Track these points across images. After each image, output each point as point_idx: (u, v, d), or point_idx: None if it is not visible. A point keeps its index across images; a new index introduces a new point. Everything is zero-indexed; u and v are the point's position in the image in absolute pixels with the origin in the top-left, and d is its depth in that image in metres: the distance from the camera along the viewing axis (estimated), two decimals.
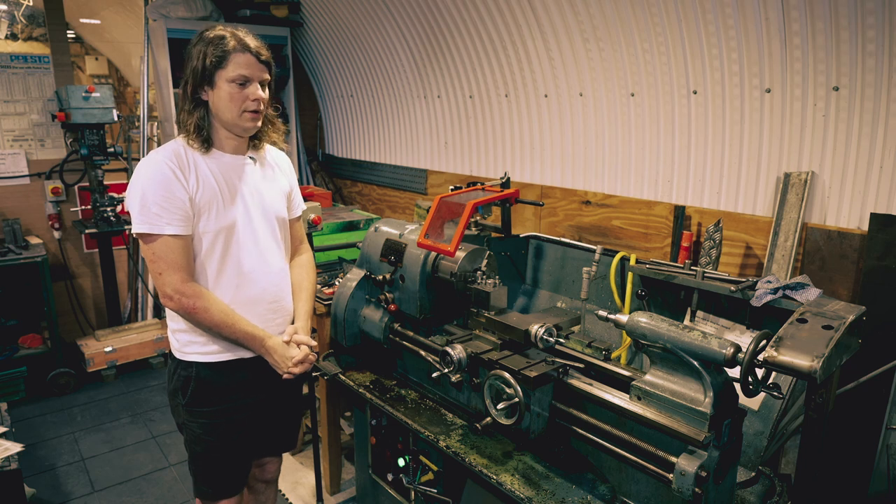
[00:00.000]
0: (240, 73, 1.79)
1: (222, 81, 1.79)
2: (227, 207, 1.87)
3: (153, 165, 1.78)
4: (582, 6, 2.81)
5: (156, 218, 1.74)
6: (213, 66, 1.78)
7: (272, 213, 2.01)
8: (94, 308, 4.83)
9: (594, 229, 3.10)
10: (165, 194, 1.75)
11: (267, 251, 1.99)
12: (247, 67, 1.80)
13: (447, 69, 3.78)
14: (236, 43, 1.79)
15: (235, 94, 1.81)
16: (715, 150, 2.58)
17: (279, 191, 2.06)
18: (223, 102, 1.81)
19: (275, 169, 2.08)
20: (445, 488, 2.04)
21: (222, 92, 1.80)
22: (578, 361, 1.82)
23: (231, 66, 1.78)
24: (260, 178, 1.98)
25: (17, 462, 2.50)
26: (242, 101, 1.82)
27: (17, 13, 4.65)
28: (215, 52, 1.77)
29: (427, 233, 2.12)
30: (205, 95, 1.83)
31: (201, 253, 1.86)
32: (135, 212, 1.76)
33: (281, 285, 2.05)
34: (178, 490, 3.18)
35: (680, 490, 1.42)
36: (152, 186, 1.75)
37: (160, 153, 1.82)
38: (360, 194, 5.07)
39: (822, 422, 1.43)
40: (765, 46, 2.30)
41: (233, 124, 1.86)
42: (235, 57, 1.79)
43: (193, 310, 1.80)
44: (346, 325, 2.39)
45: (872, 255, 2.09)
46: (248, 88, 1.82)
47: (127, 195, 1.82)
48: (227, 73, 1.79)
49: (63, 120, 4.04)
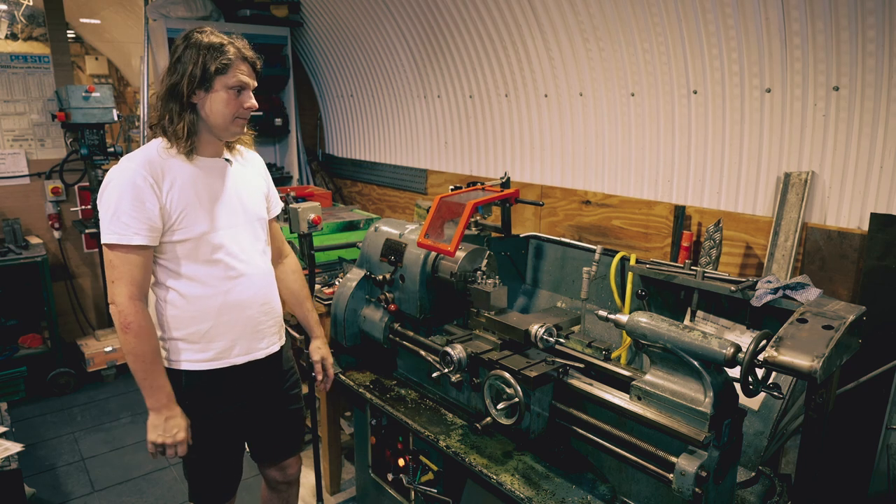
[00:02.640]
0: (239, 80, 1.83)
1: (221, 87, 1.81)
2: (208, 211, 1.87)
3: (126, 174, 1.76)
4: (582, 6, 2.81)
5: (124, 228, 1.74)
6: (217, 71, 1.80)
7: (254, 215, 2.01)
8: (94, 308, 4.83)
9: (594, 229, 3.10)
10: (136, 204, 1.74)
11: (254, 253, 1.99)
12: (247, 76, 1.86)
13: (447, 69, 3.78)
14: (237, 52, 1.83)
15: (231, 101, 1.83)
16: (715, 150, 2.58)
17: (257, 191, 2.05)
18: (219, 107, 1.83)
19: (250, 170, 2.07)
20: (445, 488, 2.04)
21: (219, 97, 1.82)
22: (578, 361, 1.82)
23: (233, 73, 1.82)
24: (238, 180, 1.98)
25: (17, 462, 2.50)
26: (237, 108, 1.85)
27: (17, 13, 4.65)
28: (219, 58, 1.79)
29: (427, 233, 2.12)
30: (196, 99, 1.83)
31: (186, 257, 1.85)
32: (105, 220, 1.76)
33: (270, 287, 2.06)
34: (178, 490, 3.18)
35: (680, 490, 1.42)
36: (124, 197, 1.74)
37: (133, 161, 1.80)
38: (360, 194, 5.07)
39: (822, 422, 1.43)
40: (765, 46, 2.30)
41: (223, 129, 1.87)
42: (239, 64, 1.83)
43: (128, 328, 1.76)
44: (346, 325, 2.39)
45: (872, 255, 2.09)
46: (242, 96, 1.85)
47: (99, 202, 1.80)
48: (228, 80, 1.81)
49: (63, 120, 4.03)
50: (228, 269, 1.90)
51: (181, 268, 1.85)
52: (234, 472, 2.10)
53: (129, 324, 1.76)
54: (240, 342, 1.95)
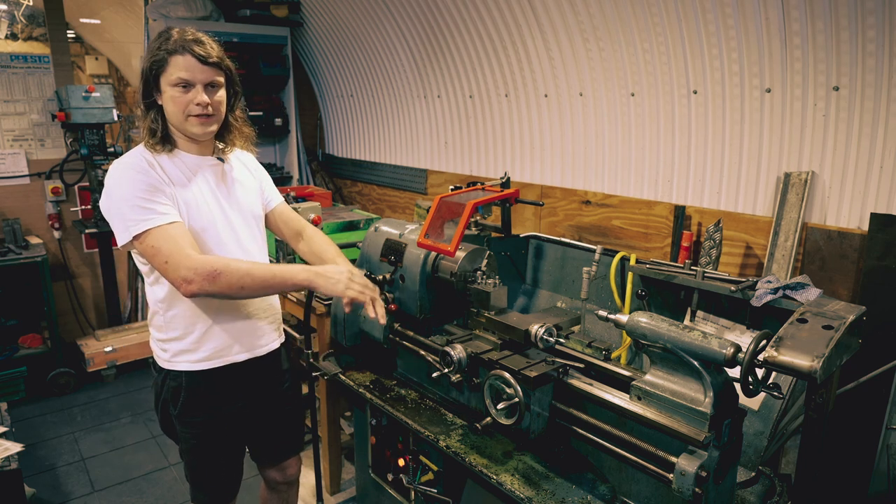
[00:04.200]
0: (178, 77, 1.72)
1: (166, 85, 1.75)
2: (202, 207, 1.84)
3: (128, 170, 1.74)
4: (582, 6, 2.81)
5: (148, 212, 1.69)
6: (156, 70, 1.74)
7: (248, 213, 1.99)
8: (94, 308, 4.83)
9: (594, 229, 3.10)
10: (150, 189, 1.71)
11: (251, 250, 1.97)
12: (186, 70, 1.72)
13: (447, 69, 3.78)
14: (177, 45, 1.72)
15: (178, 98, 1.74)
16: (715, 150, 2.58)
17: (251, 189, 2.03)
18: (167, 106, 1.77)
19: (241, 169, 2.04)
20: (445, 488, 2.04)
21: (166, 96, 1.76)
22: (578, 361, 1.82)
23: (170, 69, 1.72)
24: (230, 179, 1.95)
25: (17, 462, 2.50)
26: (185, 105, 1.75)
27: (17, 13, 4.65)
28: (156, 55, 1.73)
29: (427, 233, 2.12)
30: (159, 99, 1.79)
31: None
32: (122, 215, 1.70)
33: None
34: (178, 490, 3.18)
35: (680, 490, 1.42)
36: (137, 187, 1.70)
37: (126, 158, 1.77)
38: (360, 194, 5.07)
39: (822, 422, 1.43)
40: (765, 46, 2.30)
41: (181, 129, 1.81)
42: (175, 60, 1.72)
43: (218, 275, 1.64)
44: (346, 325, 2.39)
45: (872, 255, 2.09)
46: (190, 92, 1.75)
47: (104, 208, 1.75)
48: (168, 77, 1.74)
49: (63, 120, 4.04)
50: None
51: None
52: (235, 473, 2.10)
53: (216, 270, 1.65)
54: (240, 340, 1.95)
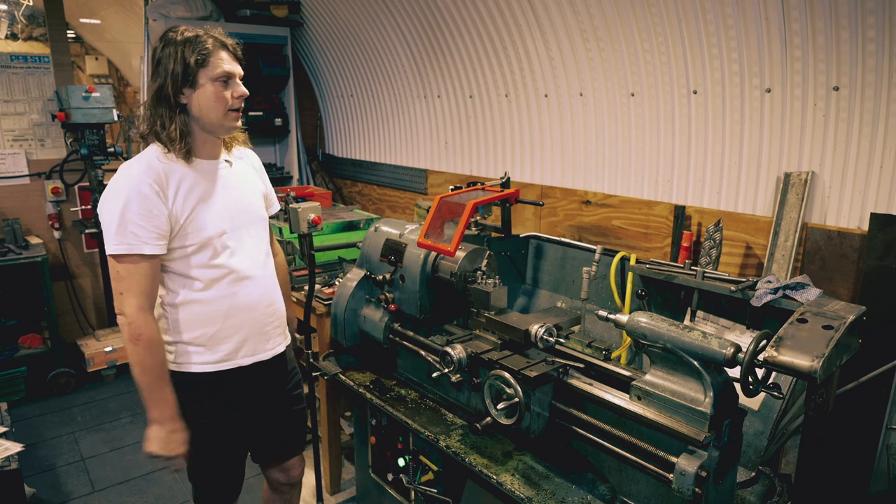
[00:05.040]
0: (224, 70, 1.75)
1: (206, 81, 1.74)
2: (214, 214, 1.83)
3: (130, 182, 1.71)
4: (582, 6, 2.81)
5: (133, 238, 1.69)
6: (197, 64, 1.72)
7: (257, 216, 1.98)
8: (94, 308, 4.83)
9: (594, 229, 3.10)
10: (144, 213, 1.69)
11: (259, 255, 1.97)
12: (229, 64, 1.77)
13: (447, 69, 3.78)
14: (214, 41, 1.76)
15: (220, 93, 1.76)
16: (715, 150, 2.58)
17: (257, 191, 2.03)
18: (208, 102, 1.76)
19: (248, 169, 2.03)
20: (445, 488, 2.04)
21: (207, 92, 1.75)
22: (578, 361, 1.82)
23: (214, 63, 1.74)
24: (238, 181, 1.94)
25: (17, 462, 2.50)
26: (228, 99, 1.78)
27: (17, 13, 4.65)
28: (198, 51, 1.72)
29: (427, 233, 2.12)
30: (184, 99, 1.76)
31: (193, 261, 1.82)
32: (111, 230, 1.70)
33: (275, 288, 2.04)
34: (179, 490, 3.18)
35: (680, 490, 1.42)
36: (131, 206, 1.68)
37: (135, 168, 1.74)
38: (360, 194, 5.07)
39: (822, 422, 1.43)
40: (765, 46, 2.30)
41: (217, 125, 1.80)
42: (217, 54, 1.75)
43: (138, 339, 1.72)
44: (346, 325, 2.39)
45: (872, 255, 2.09)
46: (230, 85, 1.78)
47: (101, 211, 1.74)
48: (211, 72, 1.74)
49: (63, 120, 4.03)
50: (235, 272, 1.88)
51: (189, 271, 1.82)
52: (238, 474, 2.10)
53: (140, 335, 1.72)
54: (247, 343, 1.94)
